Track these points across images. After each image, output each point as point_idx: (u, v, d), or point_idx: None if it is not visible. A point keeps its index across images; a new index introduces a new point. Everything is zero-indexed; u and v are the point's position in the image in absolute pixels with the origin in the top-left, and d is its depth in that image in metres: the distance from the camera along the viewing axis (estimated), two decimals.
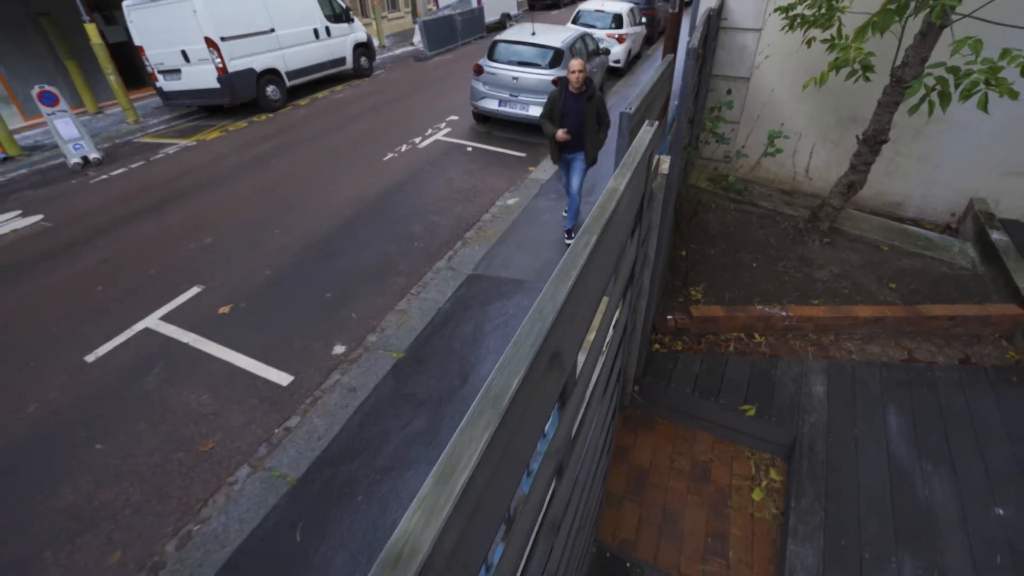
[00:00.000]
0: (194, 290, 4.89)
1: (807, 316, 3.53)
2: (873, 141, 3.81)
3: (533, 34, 8.07)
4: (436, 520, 0.43)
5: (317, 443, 3.38)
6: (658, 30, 15.16)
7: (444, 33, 14.80)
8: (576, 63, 4.50)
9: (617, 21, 11.52)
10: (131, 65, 11.11)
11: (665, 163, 2.04)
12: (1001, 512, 2.44)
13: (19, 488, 3.19)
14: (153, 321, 4.52)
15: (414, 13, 20.00)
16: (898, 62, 3.54)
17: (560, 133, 4.67)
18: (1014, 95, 2.43)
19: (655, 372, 3.34)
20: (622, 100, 10.15)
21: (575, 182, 5.05)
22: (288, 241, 5.61)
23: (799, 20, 3.90)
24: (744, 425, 2.98)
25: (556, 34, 8.18)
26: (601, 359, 1.44)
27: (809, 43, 4.09)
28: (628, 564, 2.33)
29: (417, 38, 16.31)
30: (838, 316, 3.52)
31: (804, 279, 4.03)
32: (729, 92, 5.10)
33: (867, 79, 3.36)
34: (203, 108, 10.58)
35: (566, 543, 1.27)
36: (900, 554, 2.29)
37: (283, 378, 3.92)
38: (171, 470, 3.30)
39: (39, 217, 6.42)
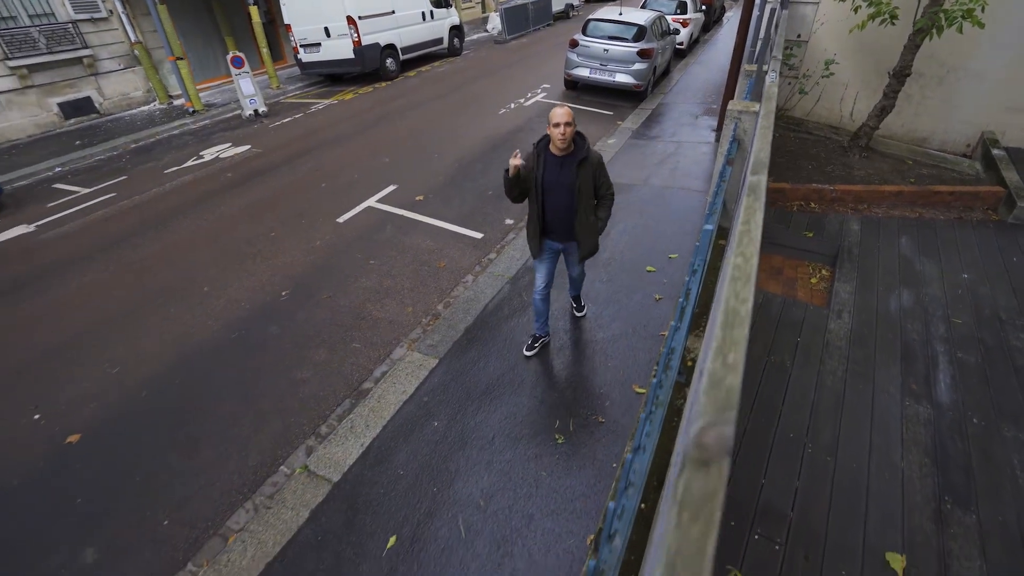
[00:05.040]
0: (392, 187, 6.80)
1: (848, 190, 5.17)
2: (900, 75, 5.40)
3: (620, 14, 9.80)
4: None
5: (516, 263, 5.19)
6: (713, 18, 16.62)
7: (520, 19, 16.65)
8: (561, 112, 2.86)
9: (682, 7, 13.12)
10: (268, 42, 13.27)
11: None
12: (966, 276, 4.07)
13: (336, 277, 5.10)
14: (372, 202, 6.44)
15: (483, 4, 21.94)
16: (918, 16, 5.13)
17: (513, 160, 2.94)
18: (981, 25, 4.05)
19: None
20: (688, 75, 11.77)
21: (574, 272, 3.79)
22: (447, 160, 7.49)
23: None
24: (804, 243, 4.65)
25: (639, 14, 9.90)
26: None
27: (856, 10, 5.69)
28: None
29: (491, 25, 18.21)
30: (870, 190, 5.15)
31: (846, 175, 5.65)
32: (799, 36, 6.71)
33: (893, 24, 4.97)
34: (328, 77, 12.67)
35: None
36: (900, 290, 3.95)
37: (476, 234, 5.76)
38: (423, 274, 5.16)
39: (248, 147, 8.49)
